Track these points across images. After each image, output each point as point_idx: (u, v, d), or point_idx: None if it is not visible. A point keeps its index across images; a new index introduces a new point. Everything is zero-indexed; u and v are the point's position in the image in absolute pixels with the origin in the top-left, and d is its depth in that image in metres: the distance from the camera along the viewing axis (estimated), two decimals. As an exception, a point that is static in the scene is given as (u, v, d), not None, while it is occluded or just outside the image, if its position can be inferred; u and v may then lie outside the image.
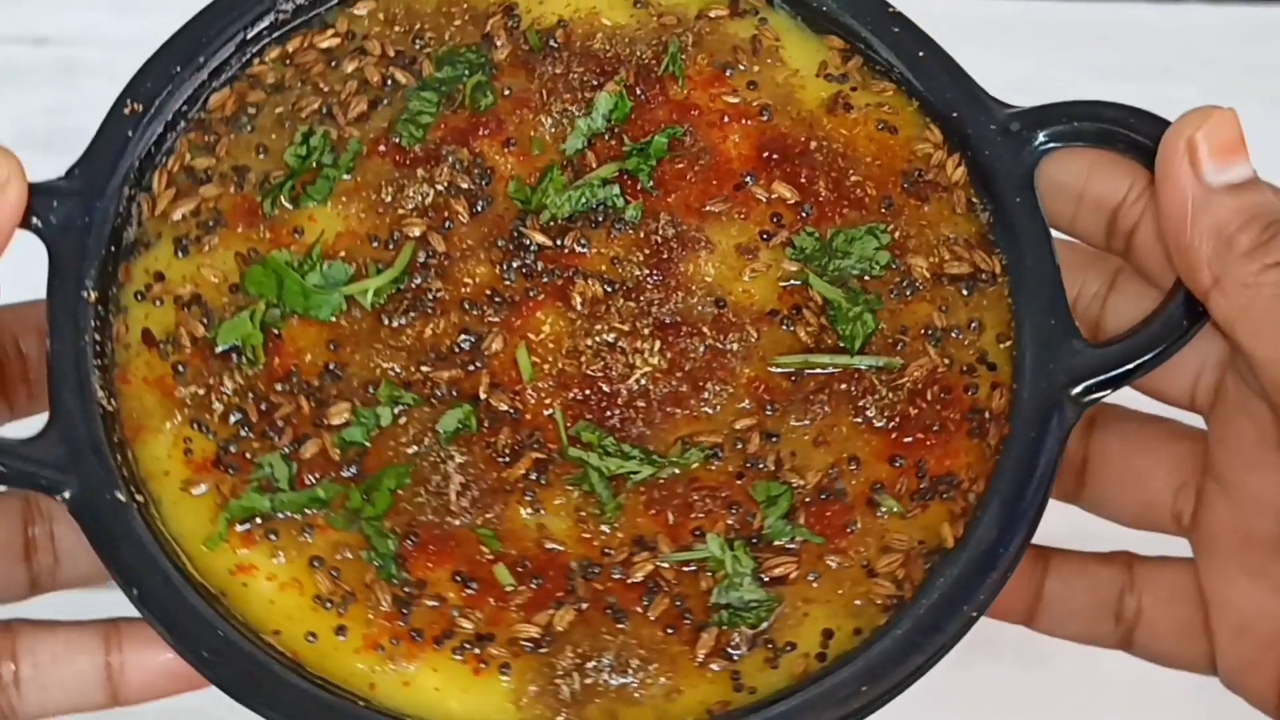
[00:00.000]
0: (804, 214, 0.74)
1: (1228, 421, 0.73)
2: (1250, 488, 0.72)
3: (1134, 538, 0.78)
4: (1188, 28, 1.13)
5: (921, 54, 0.76)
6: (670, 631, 0.67)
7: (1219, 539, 0.73)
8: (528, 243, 0.73)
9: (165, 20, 1.18)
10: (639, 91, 0.75)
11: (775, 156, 0.74)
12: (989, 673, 0.79)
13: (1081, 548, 0.78)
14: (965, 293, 0.72)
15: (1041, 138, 0.73)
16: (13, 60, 1.19)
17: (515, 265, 0.72)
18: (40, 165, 1.14)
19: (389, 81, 0.76)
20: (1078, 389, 0.69)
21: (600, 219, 0.73)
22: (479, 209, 0.73)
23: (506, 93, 0.75)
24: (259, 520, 0.69)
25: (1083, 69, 1.12)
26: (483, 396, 0.70)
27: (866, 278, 0.73)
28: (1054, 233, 0.73)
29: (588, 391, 0.71)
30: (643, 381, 0.71)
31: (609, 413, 0.70)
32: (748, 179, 0.74)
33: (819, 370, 0.71)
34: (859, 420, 0.70)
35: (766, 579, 0.68)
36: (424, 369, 0.71)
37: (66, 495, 0.67)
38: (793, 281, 0.73)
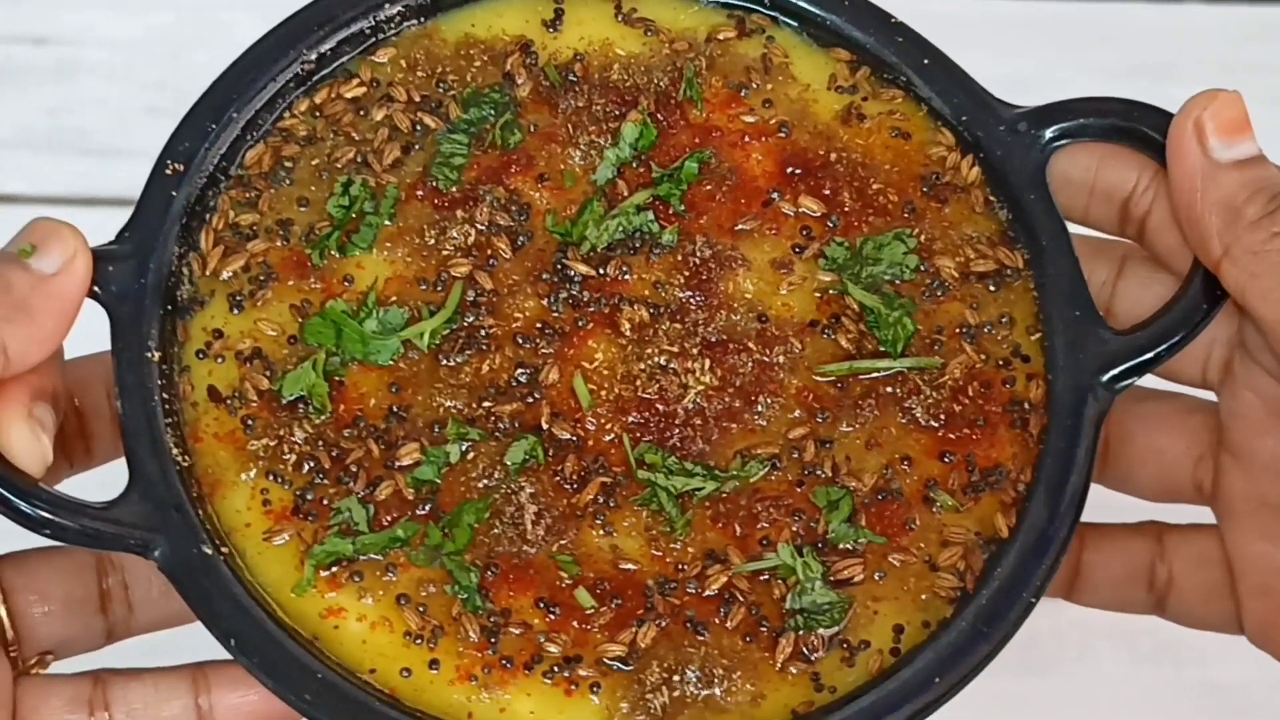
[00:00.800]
0: (832, 225, 0.77)
1: (1237, 395, 0.76)
2: (1262, 456, 0.76)
3: (1153, 510, 0.82)
4: (1188, 28, 1.16)
5: (926, 61, 0.79)
6: (749, 640, 0.70)
7: (1237, 506, 0.77)
8: (571, 274, 0.75)
9: (165, 20, 1.20)
10: (660, 118, 0.78)
11: (798, 171, 0.77)
12: (993, 680, 0.82)
13: (1105, 520, 0.82)
14: (993, 289, 0.76)
15: (1049, 135, 0.77)
16: (13, 60, 1.19)
17: (562, 296, 0.75)
18: (40, 165, 1.16)
19: (418, 126, 0.78)
20: (1108, 376, 0.73)
21: (638, 245, 0.76)
22: (520, 244, 0.76)
23: (533, 129, 0.78)
24: (343, 563, 0.71)
25: (1083, 69, 1.14)
26: (545, 427, 0.73)
27: (898, 282, 0.76)
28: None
29: (646, 414, 0.73)
30: (697, 400, 0.74)
31: (668, 433, 0.73)
32: (774, 195, 0.77)
33: (864, 375, 0.74)
34: (906, 421, 0.74)
35: (835, 581, 0.71)
36: (485, 404, 0.73)
37: (156, 554, 0.69)
38: (829, 291, 0.76)
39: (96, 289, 0.73)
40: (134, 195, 0.75)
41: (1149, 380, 0.78)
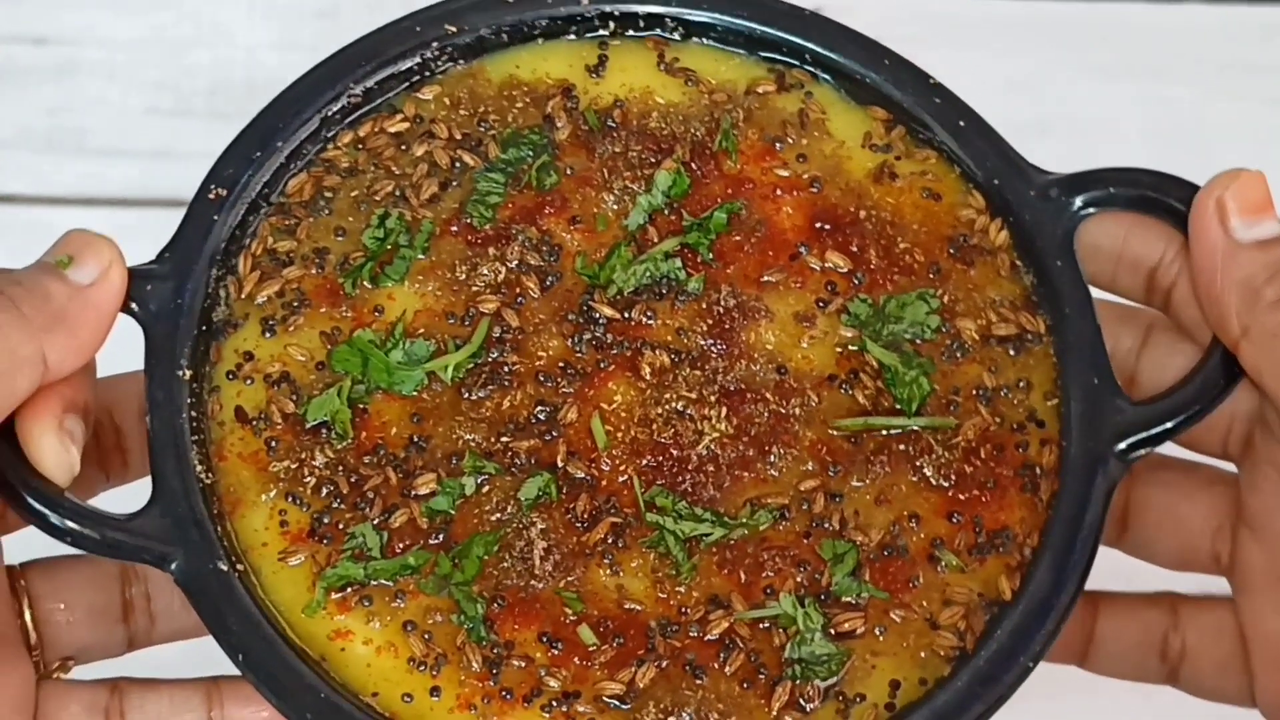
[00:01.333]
0: (857, 281, 0.78)
1: (1257, 470, 0.77)
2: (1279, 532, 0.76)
3: (1171, 578, 0.82)
4: (1188, 28, 1.14)
5: (962, 123, 0.80)
6: (746, 686, 0.71)
7: (1254, 580, 0.77)
8: (597, 316, 0.77)
9: (165, 20, 1.22)
10: (695, 167, 0.79)
11: (827, 226, 0.78)
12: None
13: (1124, 586, 0.82)
14: (1013, 353, 0.76)
15: (1079, 203, 0.77)
16: (13, 60, 1.20)
17: (586, 338, 0.76)
18: (40, 165, 1.17)
19: (457, 164, 0.79)
20: (1122, 445, 0.73)
21: (664, 291, 0.77)
22: (549, 284, 0.77)
23: (569, 172, 0.79)
24: (354, 587, 0.73)
25: (1083, 69, 1.13)
26: (560, 465, 0.74)
27: (919, 341, 0.77)
28: (1091, 290, 0.77)
29: (660, 458, 0.74)
30: (711, 447, 0.75)
31: (681, 477, 0.74)
32: (802, 249, 0.78)
33: (878, 432, 0.75)
34: (917, 479, 0.74)
35: (835, 634, 0.72)
36: (504, 439, 0.75)
37: (173, 567, 0.71)
38: (849, 347, 0.77)
39: (134, 306, 0.75)
40: (134, 195, 0.76)
41: (1171, 449, 0.79)
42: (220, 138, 0.78)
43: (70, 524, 0.71)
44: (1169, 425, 0.74)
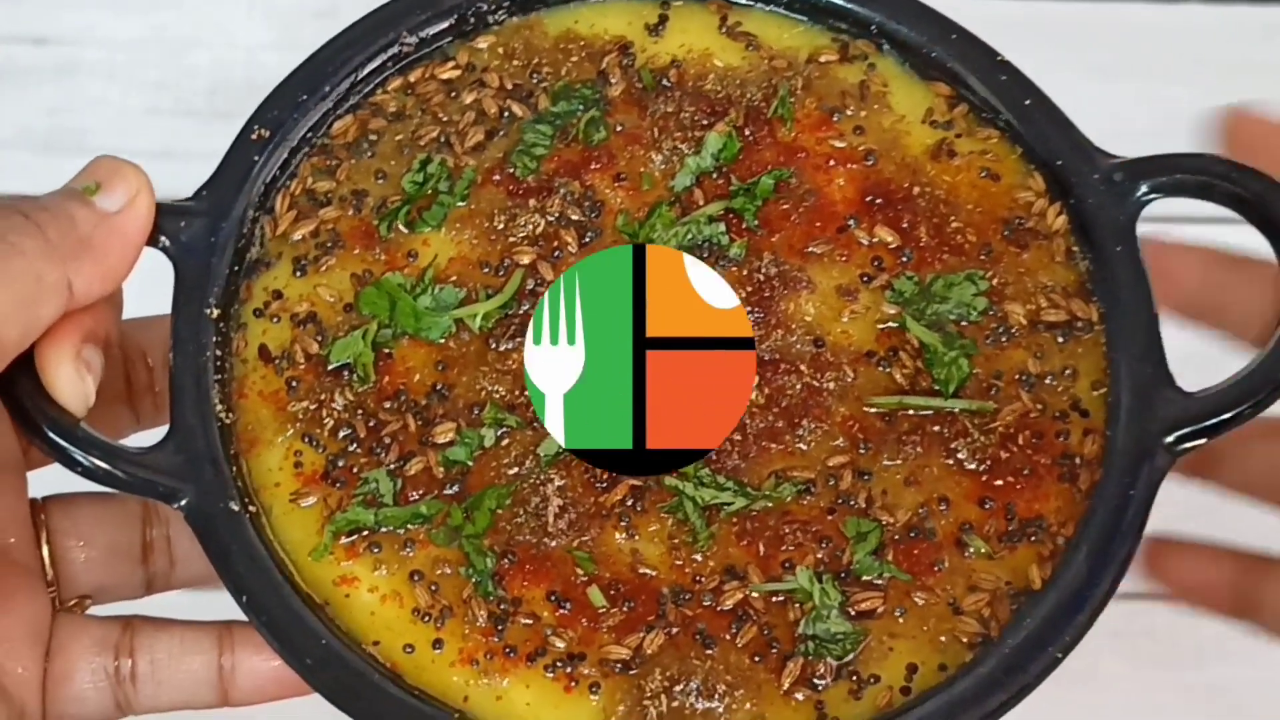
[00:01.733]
0: (904, 258, 0.75)
1: None
2: None
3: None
4: (1187, 28, 1.14)
5: (1028, 102, 0.77)
6: (757, 659, 0.69)
7: None
8: (633, 275, 0.75)
9: (165, 20, 1.22)
10: (748, 132, 0.77)
11: (878, 201, 0.76)
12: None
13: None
14: (1061, 340, 0.74)
15: (1144, 188, 0.75)
16: (13, 60, 1.20)
17: (620, 297, 0.74)
18: (40, 165, 1.17)
19: (506, 113, 0.78)
20: (1171, 437, 0.70)
21: (705, 255, 0.75)
22: (587, 240, 0.76)
23: (619, 129, 0.78)
24: (363, 533, 0.71)
25: (1083, 69, 1.12)
26: (584, 423, 0.72)
27: (963, 323, 0.74)
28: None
29: (686, 422, 0.72)
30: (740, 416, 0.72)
31: (706, 444, 0.72)
32: (850, 222, 0.76)
33: (913, 412, 0.73)
34: (950, 462, 0.72)
35: (853, 612, 0.69)
36: (528, 393, 0.73)
37: (183, 503, 0.70)
38: (890, 324, 0.74)
39: (166, 242, 0.73)
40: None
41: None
42: (220, 138, 0.77)
43: (82, 454, 0.70)
44: (1222, 418, 0.70)
